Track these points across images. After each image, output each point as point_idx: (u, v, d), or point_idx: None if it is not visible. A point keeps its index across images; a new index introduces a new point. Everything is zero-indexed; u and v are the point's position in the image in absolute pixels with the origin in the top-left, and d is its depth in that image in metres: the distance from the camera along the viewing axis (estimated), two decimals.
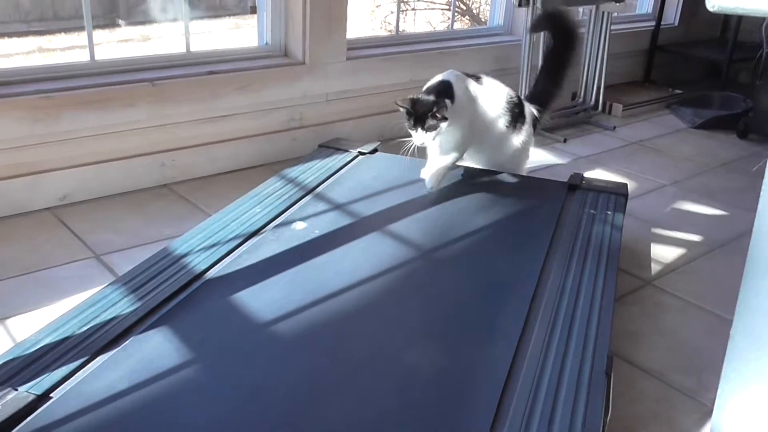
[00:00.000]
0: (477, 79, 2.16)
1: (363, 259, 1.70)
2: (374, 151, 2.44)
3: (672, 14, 4.50)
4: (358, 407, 1.22)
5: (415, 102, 1.97)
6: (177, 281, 1.57)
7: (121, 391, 1.21)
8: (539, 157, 3.08)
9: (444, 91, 2.01)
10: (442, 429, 1.18)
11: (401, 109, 1.99)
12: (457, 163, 2.19)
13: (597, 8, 3.50)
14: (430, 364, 1.35)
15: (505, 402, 1.24)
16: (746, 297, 1.06)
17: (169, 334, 1.38)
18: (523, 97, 2.31)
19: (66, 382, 1.23)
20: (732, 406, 1.13)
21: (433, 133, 1.98)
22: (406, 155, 2.04)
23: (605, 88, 3.69)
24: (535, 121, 2.29)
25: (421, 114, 1.96)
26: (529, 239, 1.87)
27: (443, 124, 1.98)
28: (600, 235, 1.90)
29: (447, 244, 1.82)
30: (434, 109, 1.95)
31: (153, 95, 2.46)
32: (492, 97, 2.15)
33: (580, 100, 3.71)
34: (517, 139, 2.20)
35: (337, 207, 1.99)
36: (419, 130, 1.97)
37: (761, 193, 1.03)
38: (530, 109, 2.27)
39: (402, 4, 5.64)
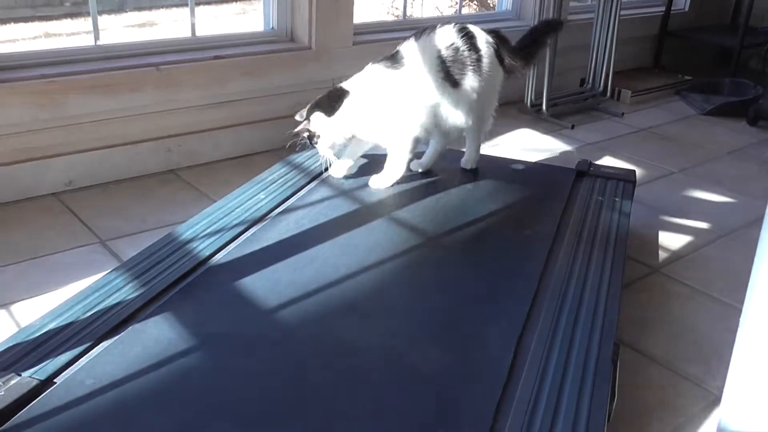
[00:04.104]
0: (394, 56, 1.95)
1: (369, 245, 1.69)
2: None
3: None
4: (362, 394, 1.22)
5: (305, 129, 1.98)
6: (181, 267, 1.56)
7: (124, 377, 1.21)
8: (547, 144, 3.06)
9: (315, 107, 1.96)
10: (446, 414, 1.17)
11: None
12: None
13: None
14: (435, 350, 1.34)
15: (510, 388, 1.23)
16: (756, 284, 1.05)
17: (172, 320, 1.37)
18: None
19: (70, 368, 1.23)
20: (741, 394, 1.12)
21: (330, 149, 1.96)
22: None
23: (614, 73, 3.66)
24: (503, 54, 2.00)
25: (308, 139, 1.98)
26: (537, 226, 1.85)
27: (323, 140, 1.95)
28: (608, 222, 1.89)
29: (454, 230, 1.81)
30: (306, 136, 1.97)
31: (158, 80, 2.45)
32: (420, 65, 1.92)
33: (589, 86, 3.68)
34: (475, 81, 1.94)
35: (343, 193, 1.98)
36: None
37: None
38: (490, 44, 1.97)
39: None
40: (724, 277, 2.05)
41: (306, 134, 1.97)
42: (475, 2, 5.85)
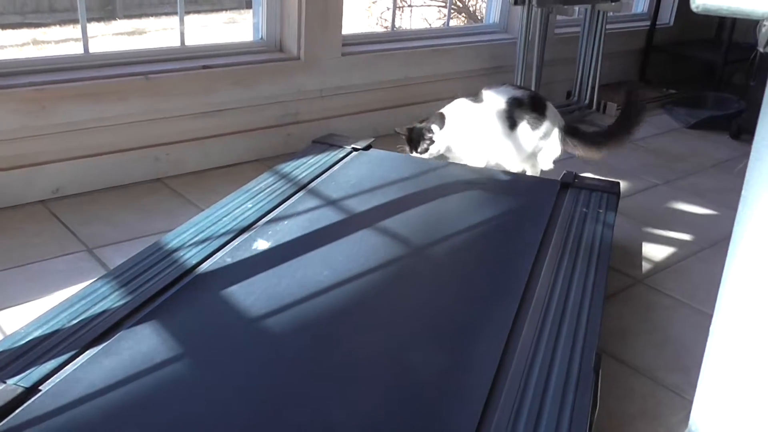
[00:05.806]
0: (476, 97, 2.38)
1: (355, 255, 1.70)
2: (368, 147, 2.44)
3: (667, 14, 4.51)
4: (348, 402, 1.23)
5: (410, 130, 2.35)
6: (168, 275, 1.57)
7: (110, 385, 1.21)
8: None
9: (434, 120, 2.34)
10: (430, 424, 1.18)
11: (401, 136, 2.38)
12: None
13: (593, 7, 3.51)
14: (419, 360, 1.35)
15: (493, 398, 1.25)
16: (725, 294, 1.08)
17: (159, 328, 1.38)
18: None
19: (55, 375, 1.23)
20: (710, 402, 1.14)
21: (427, 153, 2.34)
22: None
23: (600, 87, 3.70)
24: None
25: (415, 139, 2.34)
26: (521, 237, 1.87)
27: (433, 146, 2.32)
28: (591, 234, 1.91)
29: (439, 241, 1.83)
30: (423, 135, 2.33)
31: (147, 89, 2.45)
32: (487, 109, 2.34)
33: (575, 98, 3.72)
34: (534, 134, 2.36)
35: (330, 203, 1.99)
36: (414, 152, 2.36)
37: (742, 192, 1.05)
38: (552, 109, 2.42)
39: (398, 1, 5.64)
40: (706, 288, 2.08)
41: (427, 134, 2.32)
42: (463, 15, 5.89)
